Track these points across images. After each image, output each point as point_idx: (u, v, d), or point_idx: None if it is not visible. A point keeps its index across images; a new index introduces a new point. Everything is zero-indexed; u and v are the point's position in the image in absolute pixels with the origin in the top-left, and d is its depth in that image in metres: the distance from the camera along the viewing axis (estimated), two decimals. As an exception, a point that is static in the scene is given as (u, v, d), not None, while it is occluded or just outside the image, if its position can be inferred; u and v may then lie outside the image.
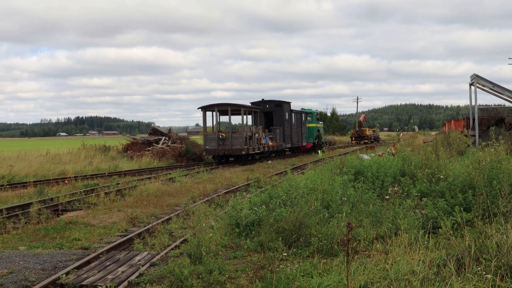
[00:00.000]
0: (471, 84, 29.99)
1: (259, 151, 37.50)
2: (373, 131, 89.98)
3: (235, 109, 36.21)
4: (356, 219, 10.38)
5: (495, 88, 29.91)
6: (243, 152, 34.32)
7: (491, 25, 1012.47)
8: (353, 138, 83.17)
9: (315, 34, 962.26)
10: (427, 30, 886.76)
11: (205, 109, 35.98)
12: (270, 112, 42.82)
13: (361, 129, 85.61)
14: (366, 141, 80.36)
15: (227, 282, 7.77)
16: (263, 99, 43.15)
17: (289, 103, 44.32)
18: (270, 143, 39.75)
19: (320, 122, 55.60)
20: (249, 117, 38.86)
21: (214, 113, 36.31)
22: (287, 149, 46.16)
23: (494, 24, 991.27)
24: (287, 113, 43.61)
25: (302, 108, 51.11)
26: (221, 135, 34.76)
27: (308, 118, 50.84)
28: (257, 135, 37.40)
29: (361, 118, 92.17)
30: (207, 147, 35.34)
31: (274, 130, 41.73)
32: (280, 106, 42.75)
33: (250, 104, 41.43)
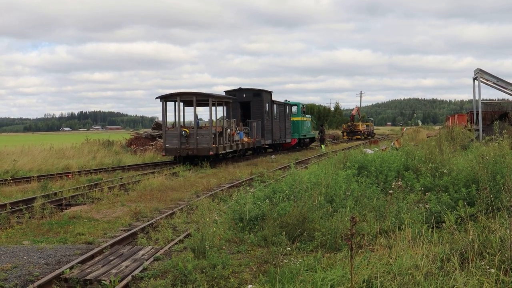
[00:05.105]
0: (474, 79, 29.91)
1: (231, 150, 31.87)
2: (367, 125, 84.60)
3: (202, 99, 30.39)
4: (359, 214, 10.39)
5: (499, 82, 29.82)
6: (211, 153, 28.63)
7: (491, 20, 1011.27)
8: (345, 133, 77.48)
9: (315, 28, 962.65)
10: (427, 24, 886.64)
11: (164, 98, 30.22)
12: (247, 103, 37.45)
13: (353, 123, 79.35)
14: (359, 136, 75.73)
15: (230, 277, 7.79)
16: (240, 88, 38.04)
17: (270, 93, 39.10)
18: (245, 139, 34.38)
19: (307, 116, 50.89)
20: (221, 108, 33.74)
21: (177, 104, 30.07)
22: (267, 146, 40.49)
23: (494, 19, 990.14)
24: (267, 104, 38.21)
25: (286, 100, 45.94)
26: (184, 131, 29.24)
27: (293, 110, 45.79)
28: (229, 130, 31.65)
29: (354, 112, 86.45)
30: (167, 145, 29.62)
31: (251, 123, 35.93)
32: (259, 95, 37.42)
33: (223, 93, 36.75)
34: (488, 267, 6.41)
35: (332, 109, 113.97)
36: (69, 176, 23.43)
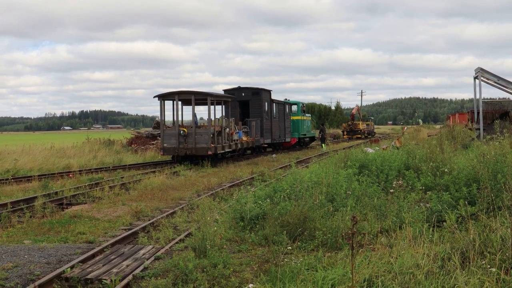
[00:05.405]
0: (475, 78, 29.90)
1: (229, 150, 31.32)
2: (367, 124, 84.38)
3: (201, 98, 29.75)
4: (360, 213, 10.38)
5: (499, 81, 29.82)
6: (210, 152, 28.13)
7: (491, 19, 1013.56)
8: (345, 133, 76.96)
9: (316, 28, 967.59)
10: (427, 23, 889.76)
11: (162, 97, 29.65)
12: (246, 102, 37.11)
13: (353, 122, 78.92)
14: (359, 135, 75.41)
15: (231, 276, 7.78)
16: (239, 86, 37.66)
17: (269, 91, 38.75)
18: (244, 139, 33.84)
19: (307, 115, 50.42)
20: (220, 108, 33.35)
21: (175, 102, 29.84)
22: (266, 145, 40.19)
23: (494, 18, 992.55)
24: (266, 103, 37.86)
25: (286, 99, 45.23)
26: (183, 130, 28.62)
27: (293, 109, 45.43)
28: (228, 129, 31.00)
29: (354, 111, 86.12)
30: (164, 145, 29.04)
31: (250, 122, 35.55)
32: (258, 94, 37.06)
33: (222, 92, 36.42)
34: (489, 266, 6.40)
35: (333, 108, 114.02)
36: (70, 175, 23.43)
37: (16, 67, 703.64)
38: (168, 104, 30.61)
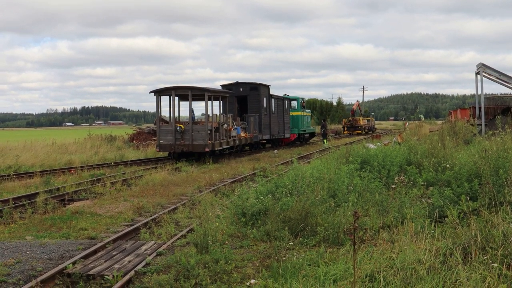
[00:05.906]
0: (477, 73, 29.86)
1: (227, 146, 30.64)
2: (368, 120, 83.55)
3: (198, 93, 29.12)
4: (362, 208, 10.37)
5: (501, 77, 29.78)
6: (207, 149, 27.44)
7: (493, 14, 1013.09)
8: (346, 128, 76.25)
9: (317, 23, 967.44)
10: (428, 19, 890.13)
11: (159, 93, 28.90)
12: (244, 97, 36.63)
13: (354, 118, 78.56)
14: (360, 131, 74.74)
15: (233, 271, 7.79)
16: (237, 82, 37.32)
17: (267, 87, 38.27)
18: (243, 135, 33.35)
19: (307, 110, 49.73)
20: (218, 103, 31.91)
21: (171, 98, 28.84)
22: (265, 141, 39.59)
23: (495, 13, 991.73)
24: (265, 98, 37.36)
25: (285, 94, 44.75)
26: (179, 126, 27.89)
27: (292, 105, 45.02)
28: (225, 125, 30.45)
29: (355, 107, 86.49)
30: (161, 141, 28.28)
31: (248, 118, 35.22)
32: (256, 89, 36.63)
33: (220, 88, 35.94)
34: (490, 261, 6.40)
35: (335, 104, 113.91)
36: (72, 171, 23.44)
37: (17, 63, 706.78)
38: (166, 100, 30.13)
